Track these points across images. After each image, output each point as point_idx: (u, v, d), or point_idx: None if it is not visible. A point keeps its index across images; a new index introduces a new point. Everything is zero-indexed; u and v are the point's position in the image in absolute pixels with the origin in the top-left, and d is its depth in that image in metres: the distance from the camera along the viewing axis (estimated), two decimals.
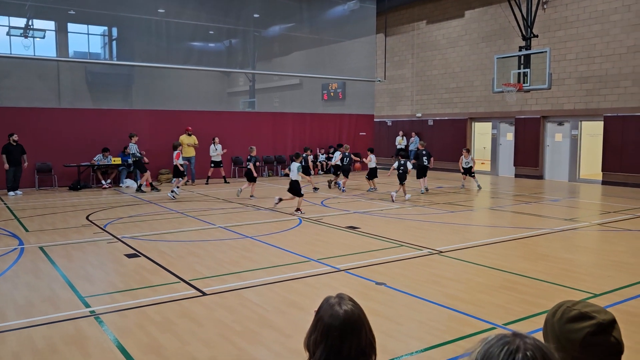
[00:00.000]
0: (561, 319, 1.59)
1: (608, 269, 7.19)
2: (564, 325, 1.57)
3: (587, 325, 1.53)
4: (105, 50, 22.05)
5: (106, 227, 10.15)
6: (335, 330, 1.69)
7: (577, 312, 1.57)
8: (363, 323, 1.74)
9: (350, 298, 1.80)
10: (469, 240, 8.99)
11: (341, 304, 1.75)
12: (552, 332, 1.60)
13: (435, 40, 23.67)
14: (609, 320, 1.56)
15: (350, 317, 1.71)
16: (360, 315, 1.74)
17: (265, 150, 21.22)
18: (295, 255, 7.93)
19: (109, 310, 5.55)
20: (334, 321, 1.70)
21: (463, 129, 22.66)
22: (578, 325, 1.54)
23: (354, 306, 1.76)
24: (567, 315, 1.58)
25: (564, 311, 1.60)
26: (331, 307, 1.75)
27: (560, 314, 1.60)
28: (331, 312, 1.73)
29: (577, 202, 14.44)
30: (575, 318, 1.56)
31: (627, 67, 17.08)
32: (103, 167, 17.20)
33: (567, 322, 1.57)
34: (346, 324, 1.70)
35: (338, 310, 1.72)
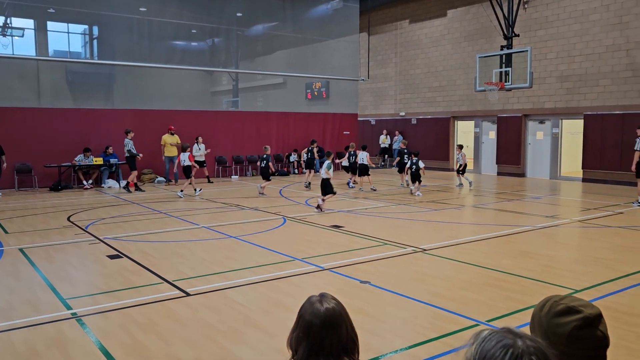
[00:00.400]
0: (548, 313, 1.60)
1: (588, 265, 7.29)
2: (551, 320, 1.58)
3: (574, 319, 1.55)
4: (86, 49, 21.77)
5: (88, 228, 10.03)
6: (316, 327, 1.70)
7: (564, 306, 1.58)
8: (344, 319, 1.75)
9: (332, 297, 1.81)
10: (453, 238, 9.05)
11: (322, 301, 1.77)
12: (540, 326, 1.61)
13: (418, 39, 23.79)
14: (595, 314, 1.57)
15: (331, 314, 1.73)
16: (341, 312, 1.76)
17: (249, 150, 21.15)
18: (280, 254, 7.91)
19: (91, 312, 5.48)
20: (314, 318, 1.72)
21: (446, 128, 22.81)
22: (565, 319, 1.56)
23: (335, 304, 1.77)
24: (555, 310, 1.59)
25: (552, 305, 1.61)
26: (312, 305, 1.76)
27: (548, 308, 1.61)
28: (312, 310, 1.74)
29: (558, 199, 14.62)
30: (563, 312, 1.57)
31: (606, 66, 17.34)
32: (84, 168, 16.99)
33: (555, 316, 1.58)
34: (327, 320, 1.71)
35: (319, 308, 1.74)
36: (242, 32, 23.64)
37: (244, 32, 23.73)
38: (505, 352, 1.11)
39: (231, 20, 22.50)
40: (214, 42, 23.56)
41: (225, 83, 25.39)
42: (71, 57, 20.76)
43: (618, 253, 7.95)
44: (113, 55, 19.72)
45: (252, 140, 21.22)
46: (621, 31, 16.91)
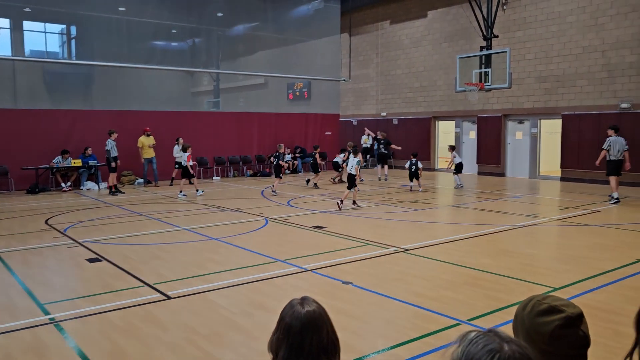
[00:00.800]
0: (531, 312, 1.61)
1: (567, 263, 7.40)
2: (534, 319, 1.60)
3: (557, 319, 1.57)
4: (64, 49, 21.44)
5: (66, 231, 9.88)
6: (296, 329, 1.71)
7: (547, 305, 1.60)
8: (324, 321, 1.75)
9: (313, 300, 1.81)
10: (434, 238, 9.12)
11: (303, 304, 1.77)
12: (522, 325, 1.63)
13: (399, 40, 23.92)
14: (577, 314, 1.59)
15: (311, 316, 1.73)
16: (322, 314, 1.76)
17: (230, 151, 21.05)
18: (262, 256, 7.88)
19: (69, 317, 5.39)
20: (294, 320, 1.72)
21: (427, 128, 22.97)
22: (547, 318, 1.58)
23: (316, 307, 1.78)
24: (538, 309, 1.61)
25: (534, 305, 1.63)
26: (293, 308, 1.77)
27: (531, 307, 1.63)
28: (293, 312, 1.75)
29: (537, 198, 14.82)
30: (545, 311, 1.59)
31: (582, 66, 17.63)
32: (63, 170, 16.73)
33: (537, 315, 1.60)
34: (307, 322, 1.72)
35: (300, 310, 1.74)
36: (223, 33, 23.51)
37: (224, 33, 23.60)
38: (491, 357, 1.11)
39: (212, 21, 22.35)
40: (195, 43, 23.39)
41: (206, 83, 25.23)
42: (48, 57, 20.42)
43: (595, 251, 8.08)
44: (91, 55, 19.45)
45: (234, 141, 21.12)
46: (597, 32, 17.21)
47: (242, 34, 24.44)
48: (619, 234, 9.33)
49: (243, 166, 21.30)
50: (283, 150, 15.78)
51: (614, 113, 16.88)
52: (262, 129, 21.93)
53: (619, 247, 8.35)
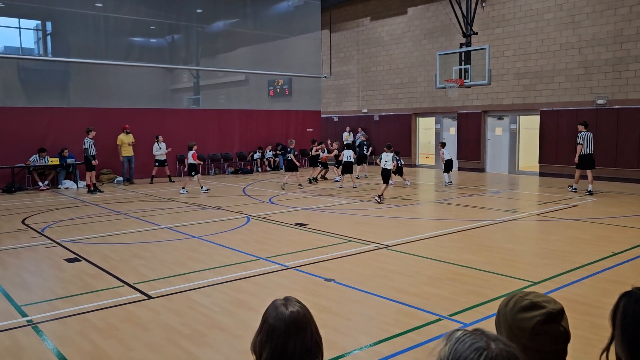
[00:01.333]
0: (513, 308, 1.64)
1: (546, 258, 7.51)
2: (516, 315, 1.62)
3: (538, 315, 1.59)
4: (39, 46, 21.04)
5: (44, 231, 9.71)
6: (280, 330, 1.69)
7: (528, 301, 1.63)
8: (309, 323, 1.74)
9: (297, 300, 1.80)
10: (415, 234, 9.17)
11: (287, 305, 1.75)
12: (505, 321, 1.65)
13: (380, 36, 23.98)
14: (558, 309, 1.62)
15: (295, 317, 1.72)
16: (306, 315, 1.75)
17: (211, 148, 20.90)
18: (244, 254, 7.85)
19: (48, 319, 5.31)
20: (278, 322, 1.71)
21: (408, 124, 23.09)
22: (529, 314, 1.60)
23: (300, 307, 1.76)
24: (519, 305, 1.63)
25: (516, 301, 1.65)
26: (277, 309, 1.75)
27: (513, 303, 1.65)
28: (276, 313, 1.73)
29: (516, 193, 15.01)
30: (527, 307, 1.62)
31: (560, 63, 17.88)
32: (40, 168, 16.44)
33: (519, 311, 1.62)
34: (291, 324, 1.70)
35: (284, 311, 1.73)
36: (203, 29, 23.31)
37: (204, 29, 23.39)
38: (478, 355, 1.12)
39: (191, 17, 22.14)
40: (174, 39, 23.14)
41: (186, 80, 24.99)
42: (23, 53, 20.02)
43: (573, 245, 8.21)
44: (68, 52, 19.13)
45: (214, 139, 20.97)
46: (574, 30, 17.46)
47: (222, 30, 24.26)
48: (595, 228, 9.50)
49: (224, 163, 21.17)
50: (294, 145, 16.20)
51: (591, 109, 17.16)
52: (243, 126, 21.82)
53: (595, 241, 8.50)
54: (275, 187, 16.35)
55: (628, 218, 10.46)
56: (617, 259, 7.29)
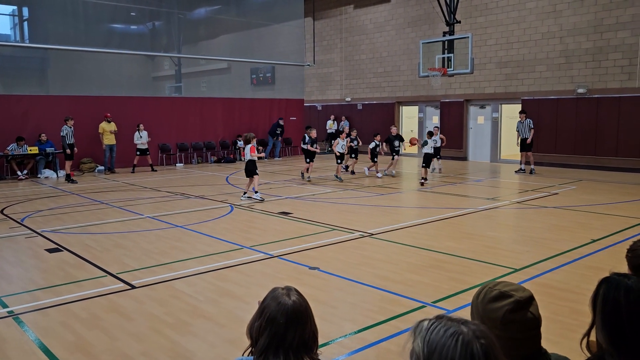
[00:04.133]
0: (484, 299, 1.67)
1: (527, 245, 7.62)
2: (486, 305, 1.65)
3: (506, 303, 1.63)
4: (16, 32, 20.56)
5: (24, 221, 9.57)
6: (282, 319, 1.71)
7: (497, 291, 1.66)
8: (309, 316, 1.77)
9: (297, 291, 1.81)
10: (399, 222, 9.23)
11: (290, 295, 1.78)
12: (477, 312, 1.68)
13: (363, 24, 23.91)
14: (526, 297, 1.65)
15: (297, 308, 1.74)
16: (307, 308, 1.78)
17: (193, 137, 20.73)
18: (228, 243, 7.83)
19: (29, 310, 5.25)
20: (280, 310, 1.72)
21: (391, 113, 23.13)
22: (498, 304, 1.64)
23: (302, 299, 1.78)
24: (489, 296, 1.67)
25: (486, 292, 1.69)
26: (279, 297, 1.77)
27: (483, 295, 1.69)
28: (279, 301, 1.75)
29: (498, 181, 15.18)
30: (496, 298, 1.65)
31: (541, 52, 18.02)
32: (18, 157, 16.15)
33: (489, 302, 1.65)
34: (293, 314, 1.72)
35: (286, 301, 1.74)
36: (184, 16, 22.98)
37: (185, 16, 23.07)
38: (455, 340, 1.13)
39: (172, 3, 21.81)
40: (155, 26, 22.78)
41: (167, 68, 24.67)
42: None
43: (553, 232, 8.34)
44: (46, 38, 18.70)
45: (197, 127, 20.79)
46: (555, 19, 17.59)
47: (204, 17, 23.95)
48: (575, 216, 9.65)
49: (207, 152, 21.02)
50: (314, 134, 14.83)
51: (571, 98, 17.36)
52: (225, 115, 21.64)
53: (575, 228, 8.64)
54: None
55: (607, 206, 10.64)
56: (596, 246, 7.43)
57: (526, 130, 16.18)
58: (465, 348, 1.12)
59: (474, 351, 1.11)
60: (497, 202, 11.27)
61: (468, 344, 1.12)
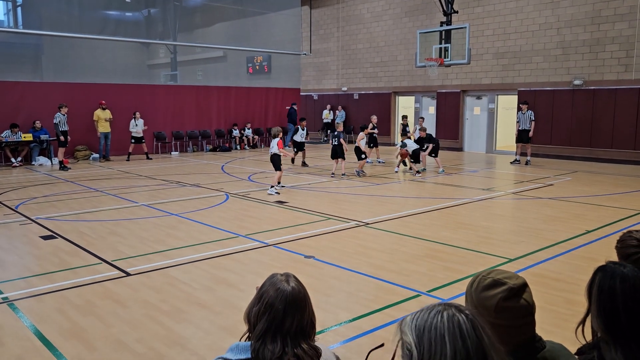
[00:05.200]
0: (477, 287, 1.68)
1: (521, 235, 7.65)
2: (480, 294, 1.66)
3: (500, 291, 1.63)
4: (9, 18, 20.36)
5: (18, 208, 9.52)
6: (280, 305, 1.71)
7: (490, 279, 1.67)
8: (307, 302, 1.77)
9: (296, 278, 1.81)
10: (394, 212, 9.24)
11: (289, 281, 1.77)
12: (471, 301, 1.69)
13: (360, 14, 23.78)
14: (519, 284, 1.66)
15: (296, 295, 1.74)
16: (306, 294, 1.78)
17: (189, 125, 20.64)
18: (223, 231, 7.82)
19: (24, 296, 5.24)
20: (279, 296, 1.72)
21: (387, 103, 23.09)
22: (492, 292, 1.64)
23: (300, 285, 1.78)
24: (482, 284, 1.67)
25: (480, 280, 1.69)
26: (278, 283, 1.76)
27: (477, 283, 1.69)
28: (278, 287, 1.74)
29: (493, 172, 15.20)
30: (489, 286, 1.65)
31: (538, 43, 17.99)
32: (12, 144, 16.04)
33: (483, 290, 1.66)
34: (291, 300, 1.72)
35: (285, 287, 1.74)
36: (180, 3, 22.80)
37: (181, 3, 22.89)
38: (440, 316, 1.15)
39: None
40: (150, 13, 22.60)
41: (163, 56, 24.52)
42: None
43: (548, 223, 8.37)
44: (40, 24, 18.52)
45: (192, 116, 20.70)
46: (553, 10, 17.54)
47: (200, 5, 23.79)
48: (570, 207, 9.69)
49: (202, 141, 20.95)
50: (341, 128, 14.21)
51: (568, 89, 17.36)
52: (221, 103, 21.54)
53: (570, 219, 8.68)
54: (254, 164, 16.26)
55: (602, 197, 10.69)
56: (590, 237, 7.46)
57: (527, 121, 15.97)
58: (451, 321, 1.14)
59: (460, 322, 1.14)
60: (492, 193, 11.29)
61: (453, 317, 1.15)
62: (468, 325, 1.14)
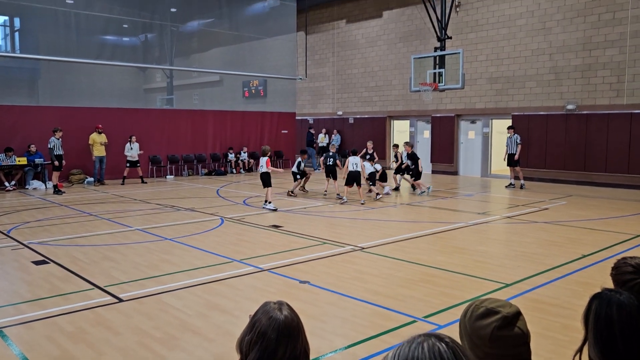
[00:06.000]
0: (471, 317, 1.66)
1: (518, 260, 7.62)
2: (474, 323, 1.64)
3: (494, 320, 1.61)
4: (7, 42, 20.48)
5: (10, 233, 9.44)
6: (273, 334, 1.68)
7: (484, 309, 1.65)
8: (300, 331, 1.74)
9: (289, 306, 1.78)
10: (390, 236, 9.21)
11: (281, 309, 1.75)
12: (465, 331, 1.67)
13: (355, 39, 24.07)
14: (513, 312, 1.64)
15: (289, 323, 1.71)
16: (299, 323, 1.75)
17: (184, 149, 20.67)
18: (217, 256, 7.76)
19: (13, 323, 5.14)
20: (272, 325, 1.70)
21: (382, 127, 23.22)
22: (486, 321, 1.62)
23: (294, 314, 1.75)
24: (476, 313, 1.65)
25: (473, 310, 1.67)
26: (271, 311, 1.74)
27: (470, 312, 1.67)
28: (270, 316, 1.72)
29: (488, 196, 15.22)
30: (483, 315, 1.63)
31: (531, 69, 18.22)
32: (6, 168, 15.99)
33: (476, 319, 1.64)
34: (284, 329, 1.69)
35: (278, 315, 1.71)
36: (177, 28, 23.03)
37: (178, 28, 23.12)
38: (421, 347, 1.16)
39: (165, 16, 21.87)
40: (147, 38, 22.81)
41: (159, 80, 24.66)
42: None
43: (544, 247, 8.35)
44: (37, 49, 18.63)
45: (188, 139, 20.74)
46: (544, 36, 17.82)
47: (197, 30, 24.03)
48: (565, 231, 9.68)
49: (198, 165, 20.95)
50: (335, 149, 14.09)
51: (561, 114, 17.53)
52: (217, 127, 21.62)
53: (565, 243, 8.66)
54: (249, 188, 16.23)
55: (597, 221, 10.70)
56: (586, 261, 7.44)
57: (514, 145, 16.10)
58: (432, 351, 1.15)
59: (441, 351, 1.15)
60: (488, 217, 11.29)
61: (434, 347, 1.16)
62: (449, 353, 1.15)
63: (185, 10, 22.21)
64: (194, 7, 22.20)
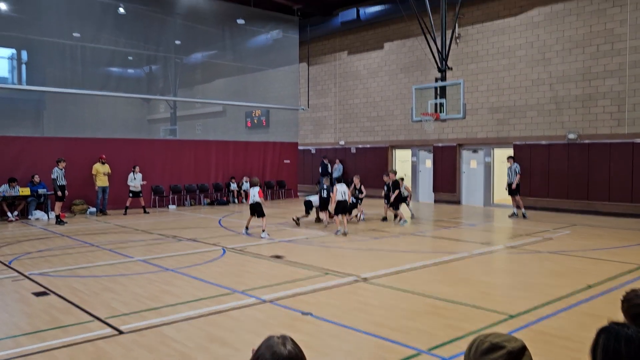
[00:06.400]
0: (476, 352, 1.63)
1: (522, 290, 7.53)
2: (479, 359, 1.61)
3: (499, 356, 1.59)
4: (14, 75, 20.80)
5: (11, 264, 9.39)
6: None
7: (488, 344, 1.63)
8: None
9: (293, 340, 1.76)
10: (393, 266, 9.13)
11: (285, 344, 1.72)
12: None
13: (357, 70, 24.36)
14: (519, 347, 1.62)
15: (293, 358, 1.68)
16: (303, 358, 1.72)
17: (187, 179, 20.72)
18: (219, 287, 7.69)
19: (11, 356, 5.07)
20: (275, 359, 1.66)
21: (384, 157, 23.29)
22: (491, 356, 1.60)
23: (297, 348, 1.73)
24: (481, 349, 1.63)
25: (478, 345, 1.65)
26: (274, 346, 1.71)
27: (475, 348, 1.65)
28: (274, 350, 1.69)
29: (492, 226, 15.14)
30: (488, 350, 1.61)
31: (532, 98, 18.36)
32: (9, 199, 16.01)
33: (481, 355, 1.61)
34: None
35: (281, 350, 1.69)
36: (181, 60, 23.39)
37: (182, 60, 23.48)
38: None
39: (169, 48, 22.24)
40: (152, 70, 23.15)
41: (163, 111, 24.95)
42: None
43: (549, 277, 8.26)
44: (44, 81, 18.90)
45: (190, 169, 20.82)
46: (544, 67, 18.01)
47: (200, 62, 24.39)
48: (570, 261, 9.59)
49: (200, 195, 20.96)
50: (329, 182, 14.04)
51: (562, 143, 17.57)
52: (220, 157, 21.72)
53: (570, 273, 8.57)
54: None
55: (602, 251, 10.61)
56: (592, 292, 7.35)
57: (513, 174, 16.23)
58: None
59: None
60: (491, 247, 11.20)
61: None
62: None
63: (189, 42, 22.58)
64: (198, 39, 22.57)
